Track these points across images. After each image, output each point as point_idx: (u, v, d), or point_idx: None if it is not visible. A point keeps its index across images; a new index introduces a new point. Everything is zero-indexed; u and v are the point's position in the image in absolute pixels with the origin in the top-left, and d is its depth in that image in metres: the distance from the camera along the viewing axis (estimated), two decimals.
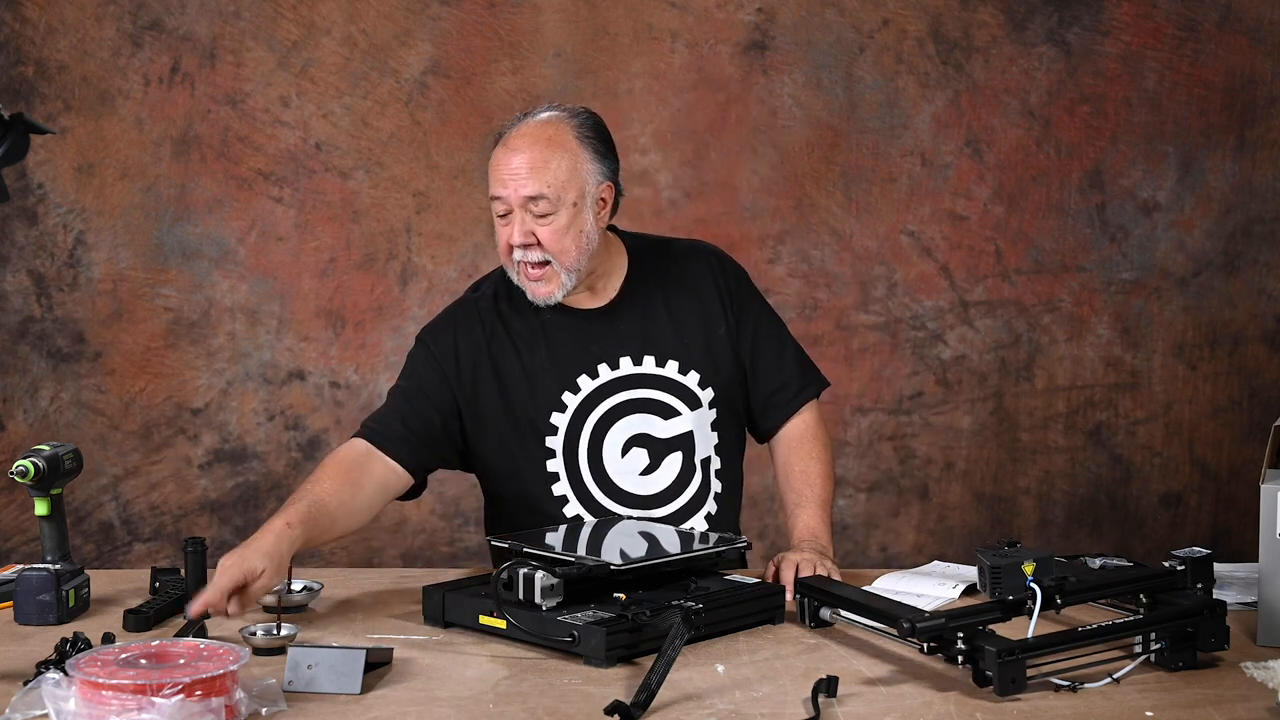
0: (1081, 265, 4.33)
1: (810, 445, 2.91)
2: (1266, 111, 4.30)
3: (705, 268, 2.90)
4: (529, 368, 2.81)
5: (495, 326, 2.83)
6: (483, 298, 2.87)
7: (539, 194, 2.69)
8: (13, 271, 4.31)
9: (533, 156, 2.70)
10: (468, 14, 4.28)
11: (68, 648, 2.21)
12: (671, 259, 2.91)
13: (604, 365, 2.82)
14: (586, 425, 2.81)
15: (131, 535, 4.35)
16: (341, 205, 4.32)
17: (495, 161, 2.74)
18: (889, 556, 4.34)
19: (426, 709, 2.10)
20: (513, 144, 2.73)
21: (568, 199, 2.71)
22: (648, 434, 2.83)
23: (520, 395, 2.80)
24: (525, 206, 2.70)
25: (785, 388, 2.91)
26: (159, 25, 4.27)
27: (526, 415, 2.80)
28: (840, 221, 4.33)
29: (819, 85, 4.30)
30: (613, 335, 2.82)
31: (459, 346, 2.81)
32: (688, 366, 2.84)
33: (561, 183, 2.70)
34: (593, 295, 2.84)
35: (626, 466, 2.82)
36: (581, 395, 2.81)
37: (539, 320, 2.82)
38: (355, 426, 4.28)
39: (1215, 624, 2.24)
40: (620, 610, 2.31)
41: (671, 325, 2.85)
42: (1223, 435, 4.36)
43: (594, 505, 2.82)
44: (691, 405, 2.84)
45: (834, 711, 2.08)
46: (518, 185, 2.69)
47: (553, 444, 2.81)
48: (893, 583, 2.68)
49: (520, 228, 2.71)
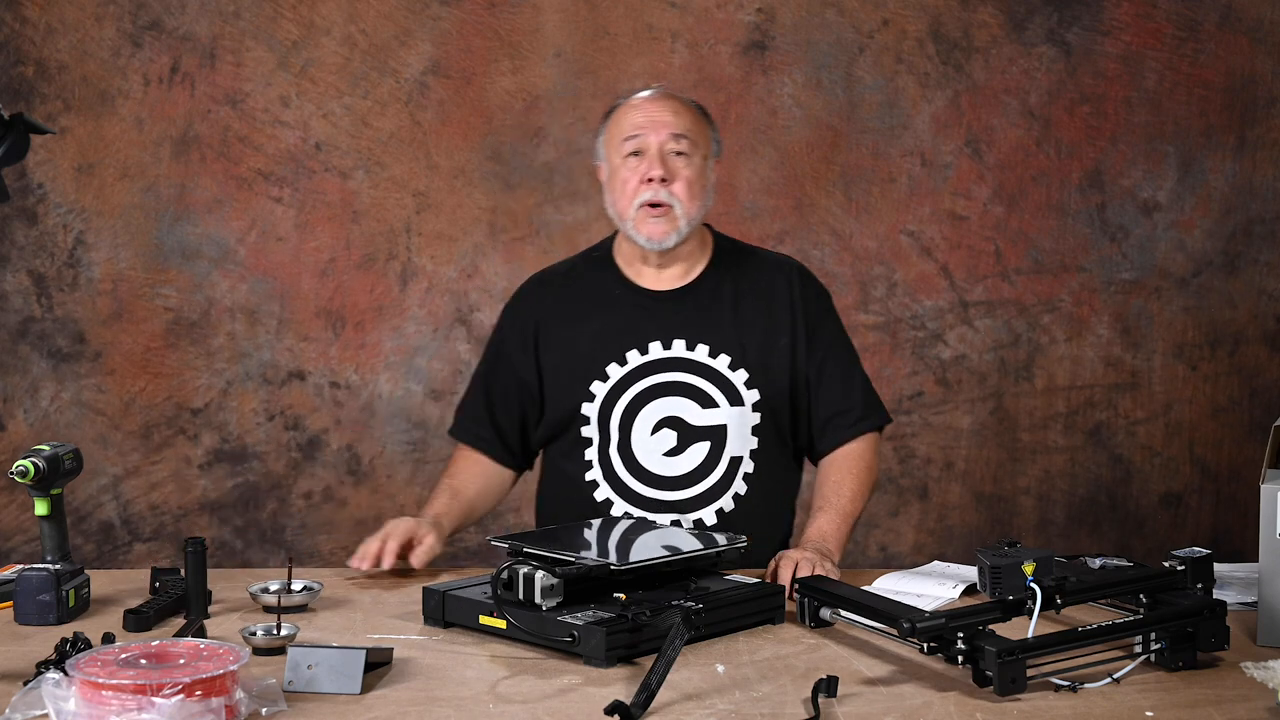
0: (1081, 265, 4.34)
1: (853, 464, 2.93)
2: (1266, 111, 4.30)
3: (783, 278, 2.97)
4: (584, 334, 2.92)
5: (565, 293, 2.97)
6: (563, 266, 3.07)
7: (682, 132, 2.86)
8: (13, 271, 4.31)
9: (675, 104, 2.91)
10: (468, 14, 4.28)
11: (68, 648, 2.21)
12: (753, 263, 2.99)
13: (656, 344, 2.90)
14: (624, 398, 2.89)
15: (131, 535, 4.35)
16: (341, 205, 4.32)
17: (628, 111, 2.90)
18: (889, 556, 4.34)
19: (426, 709, 2.10)
20: (651, 96, 2.92)
21: (700, 149, 2.89)
22: (681, 418, 2.88)
23: (570, 359, 2.93)
24: (665, 145, 2.85)
25: (846, 413, 2.94)
26: (159, 25, 4.27)
27: (570, 379, 2.91)
28: (840, 221, 4.33)
29: (819, 85, 4.30)
30: (674, 318, 2.91)
31: (530, 313, 2.98)
32: (739, 364, 2.89)
33: (697, 132, 2.89)
34: (669, 276, 2.93)
35: (653, 445, 2.88)
36: (626, 369, 2.90)
37: (608, 292, 2.95)
38: (355, 426, 4.35)
39: (1215, 624, 2.24)
40: (620, 610, 2.31)
41: (735, 321, 2.91)
42: (1223, 435, 4.36)
43: (614, 476, 2.90)
44: (732, 401, 2.88)
45: (834, 711, 2.08)
46: (662, 124, 2.86)
47: (588, 410, 2.91)
48: (893, 583, 2.68)
49: (659, 161, 2.85)
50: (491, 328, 2.93)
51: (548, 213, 4.32)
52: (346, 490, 4.35)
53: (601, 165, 2.96)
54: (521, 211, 4.33)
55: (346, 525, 4.35)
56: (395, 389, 4.34)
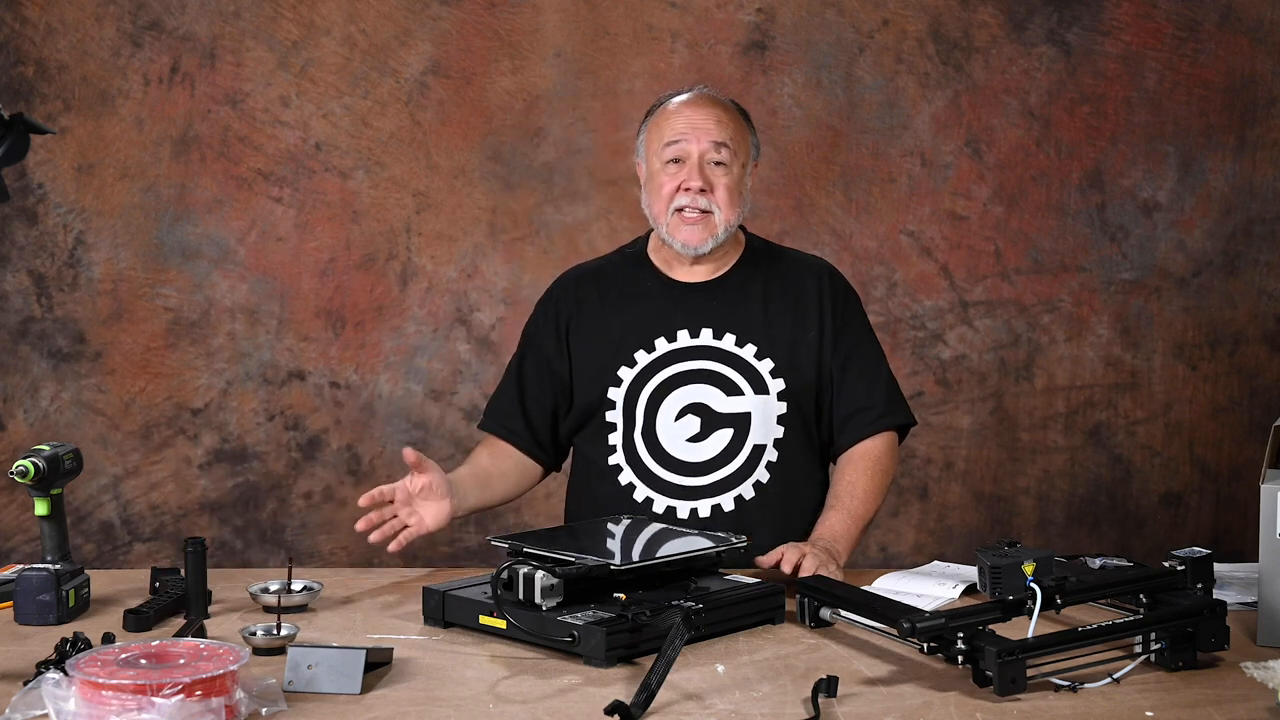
0: (1081, 265, 4.34)
1: (868, 464, 2.93)
2: (1266, 111, 4.30)
3: (813, 276, 2.99)
4: (615, 323, 2.95)
5: (598, 285, 3.00)
6: (597, 261, 3.09)
7: (723, 141, 2.87)
8: (13, 271, 4.31)
9: (718, 112, 2.91)
10: (468, 14, 4.28)
11: (68, 648, 2.21)
12: (785, 262, 3.02)
13: (684, 332, 2.93)
14: (650, 384, 2.92)
15: (131, 535, 4.35)
16: (341, 205, 4.32)
17: (670, 116, 2.90)
18: (889, 556, 4.34)
19: (426, 709, 2.10)
20: (694, 101, 2.92)
21: (740, 157, 2.90)
22: (705, 404, 2.90)
23: (599, 347, 2.95)
24: (706, 155, 2.87)
25: (868, 410, 2.94)
26: (159, 25, 4.27)
27: (599, 366, 2.94)
28: (840, 221, 4.33)
29: (819, 85, 4.30)
30: (702, 308, 2.94)
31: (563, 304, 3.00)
32: (764, 353, 2.91)
33: (738, 140, 2.90)
34: (700, 271, 2.96)
35: (677, 430, 2.90)
36: (653, 356, 2.92)
37: (639, 284, 2.98)
38: (355, 426, 4.35)
39: (1215, 624, 2.24)
40: (620, 610, 2.31)
41: (763, 313, 2.93)
42: (1223, 435, 4.36)
43: (638, 461, 2.92)
44: (756, 389, 2.90)
45: (834, 711, 2.08)
46: (704, 132, 2.87)
47: (614, 395, 2.93)
48: (893, 583, 2.68)
49: (699, 173, 2.86)
50: (491, 327, 2.97)
51: (548, 213, 4.33)
52: (346, 490, 4.35)
53: (640, 164, 2.97)
54: (521, 211, 4.33)
55: (346, 525, 4.35)
56: (395, 389, 4.34)
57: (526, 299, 3.31)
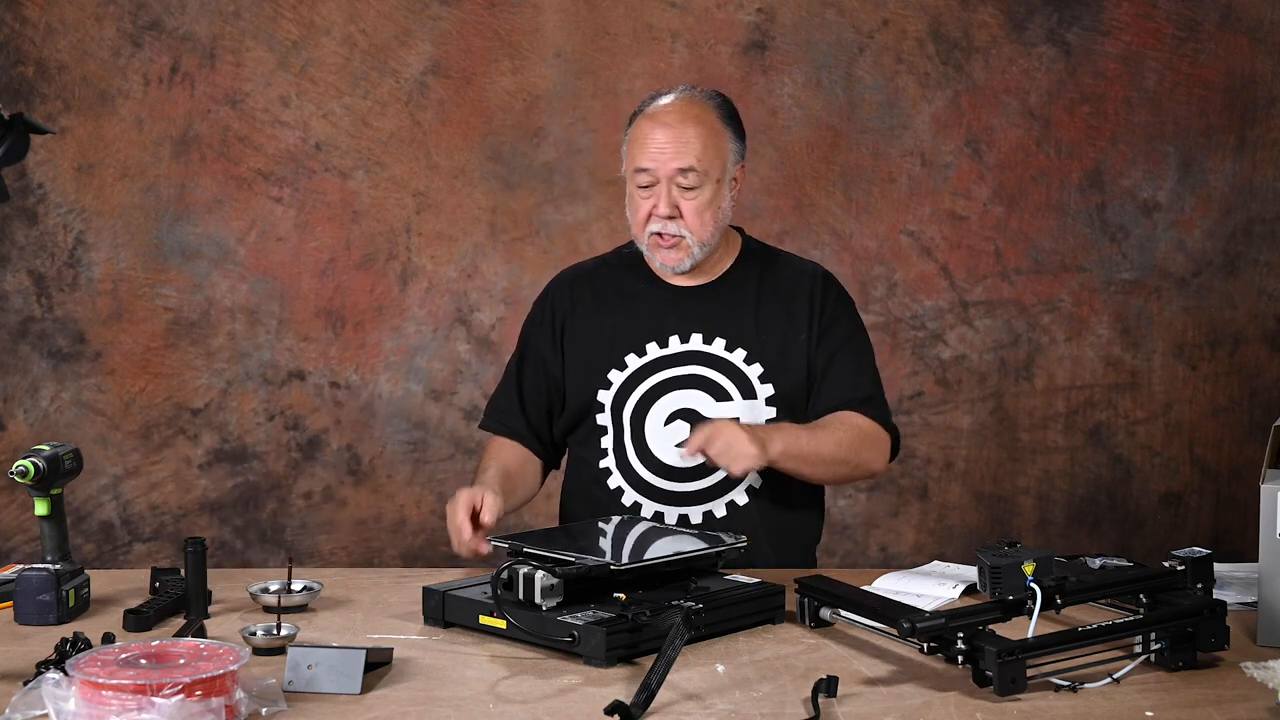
0: (1081, 265, 4.34)
1: (839, 420, 2.88)
2: (1266, 111, 4.30)
3: (806, 280, 2.98)
4: (607, 325, 2.95)
5: (593, 286, 3.00)
6: (593, 261, 3.09)
7: (689, 166, 2.82)
8: (13, 271, 4.31)
9: (684, 131, 2.84)
10: (468, 14, 4.28)
11: (68, 648, 2.21)
12: (779, 266, 3.00)
13: (674, 338, 2.92)
14: (639, 389, 2.92)
15: (131, 535, 4.35)
16: (341, 205, 4.32)
17: (642, 135, 2.86)
18: (889, 556, 4.34)
19: (426, 709, 2.10)
20: (662, 119, 2.86)
21: (712, 175, 2.85)
22: (694, 410, 2.90)
23: (591, 349, 2.95)
24: (673, 179, 2.83)
25: (849, 402, 2.90)
26: (159, 25, 4.27)
27: (590, 368, 2.94)
28: (840, 221, 4.33)
29: (819, 85, 4.30)
30: (694, 312, 2.93)
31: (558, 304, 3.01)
32: (754, 358, 2.90)
33: (709, 158, 2.84)
34: (694, 275, 2.95)
35: (666, 436, 2.90)
36: (644, 360, 2.92)
37: (633, 286, 2.97)
38: (355, 426, 4.35)
39: (1215, 624, 2.24)
40: (620, 610, 2.31)
41: (754, 318, 2.92)
42: (1223, 435, 4.36)
43: (627, 466, 2.92)
44: (745, 394, 2.89)
45: (834, 711, 2.08)
46: (669, 158, 2.83)
47: (604, 399, 2.93)
48: (893, 583, 2.68)
49: (666, 199, 2.83)
50: (491, 327, 2.97)
51: (548, 213, 4.33)
52: (346, 490, 4.35)
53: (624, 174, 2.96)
54: (521, 211, 4.33)
55: (346, 525, 4.35)
56: (395, 389, 4.34)
57: (526, 299, 3.30)
